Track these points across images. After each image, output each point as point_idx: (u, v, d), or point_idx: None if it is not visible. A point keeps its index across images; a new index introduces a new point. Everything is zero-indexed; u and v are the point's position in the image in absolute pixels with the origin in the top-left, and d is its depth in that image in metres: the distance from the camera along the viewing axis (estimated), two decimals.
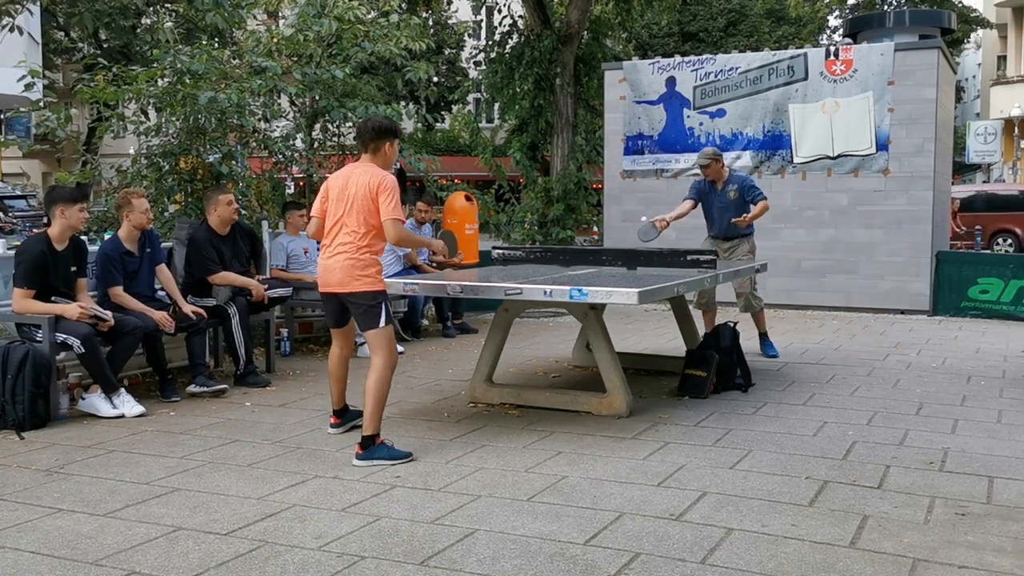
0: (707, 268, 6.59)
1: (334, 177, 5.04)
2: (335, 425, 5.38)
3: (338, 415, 5.38)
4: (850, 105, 10.90)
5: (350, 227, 4.84)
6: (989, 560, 3.40)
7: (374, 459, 4.68)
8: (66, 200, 5.78)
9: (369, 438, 4.75)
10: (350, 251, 4.84)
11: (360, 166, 4.96)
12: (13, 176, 31.19)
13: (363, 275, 4.85)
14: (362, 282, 4.84)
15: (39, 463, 4.77)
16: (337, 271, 4.87)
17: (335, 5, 9.83)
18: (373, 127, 4.97)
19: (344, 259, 4.85)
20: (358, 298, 4.86)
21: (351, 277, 4.84)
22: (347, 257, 4.84)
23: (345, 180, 4.91)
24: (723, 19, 30.77)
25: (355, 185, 4.85)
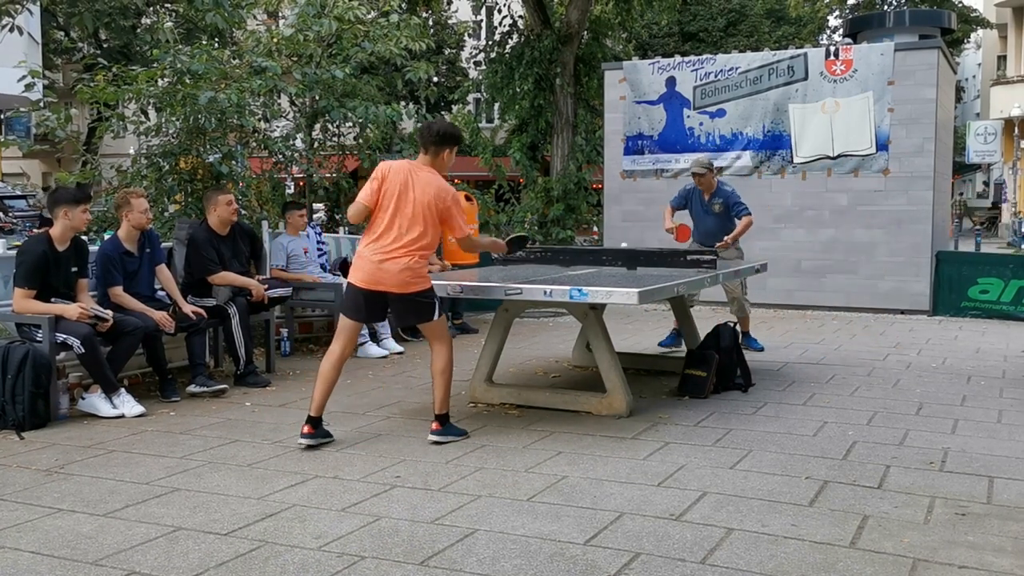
0: (707, 268, 6.59)
1: (392, 170, 4.99)
2: (308, 435, 4.98)
3: (314, 424, 5.01)
4: (850, 105, 10.90)
5: (412, 233, 4.91)
6: (989, 560, 3.40)
7: (449, 436, 5.07)
8: (69, 201, 5.78)
9: (444, 416, 5.10)
10: (411, 256, 4.92)
11: (422, 169, 5.00)
12: (13, 176, 31.19)
13: (421, 277, 4.99)
14: (420, 283, 4.99)
15: (39, 463, 4.77)
16: (395, 274, 4.91)
17: (335, 5, 9.83)
18: (439, 131, 5.04)
19: (404, 263, 4.91)
20: (419, 297, 5.00)
21: (412, 281, 4.94)
22: (408, 261, 4.92)
23: (406, 179, 4.93)
24: (723, 19, 30.77)
25: (420, 192, 4.91)
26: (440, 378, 5.10)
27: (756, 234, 10.14)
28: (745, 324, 8.31)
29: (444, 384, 5.10)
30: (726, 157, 11.54)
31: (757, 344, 8.30)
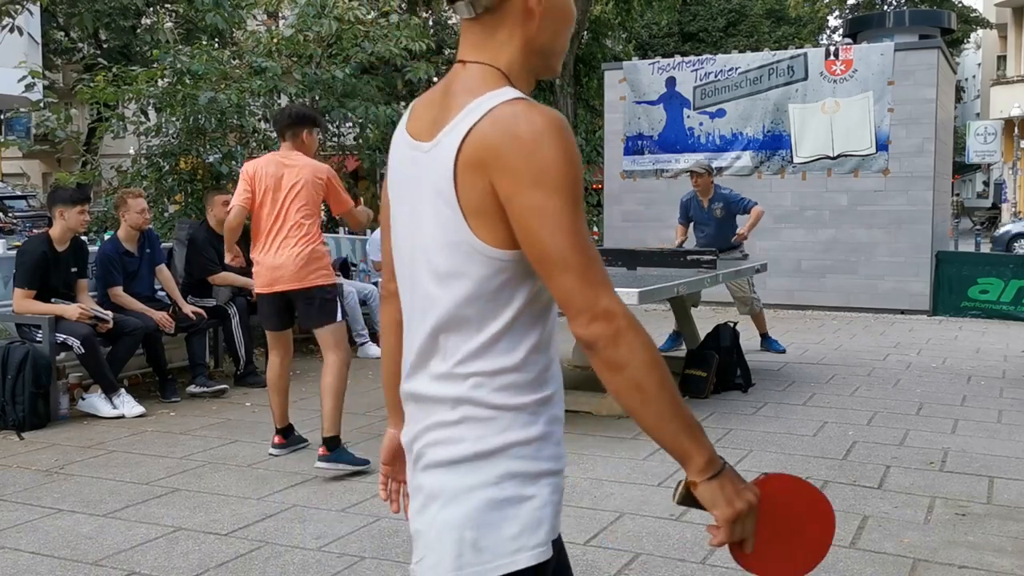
0: (707, 268, 6.59)
1: (259, 166, 4.68)
2: (279, 446, 4.90)
3: (284, 434, 4.93)
4: (850, 105, 10.90)
5: (296, 219, 4.56)
6: (989, 560, 3.40)
7: (340, 463, 4.46)
8: (66, 202, 5.78)
9: (333, 439, 4.48)
10: (302, 244, 4.56)
11: (289, 155, 4.67)
12: (13, 176, 31.20)
13: (319, 268, 4.60)
14: (319, 275, 4.60)
15: (39, 463, 4.77)
16: (289, 267, 4.55)
17: (335, 5, 9.83)
18: (291, 114, 4.76)
19: (297, 253, 4.55)
20: (316, 292, 4.58)
21: (307, 271, 4.56)
22: (302, 248, 4.55)
23: (277, 169, 4.62)
24: (723, 19, 30.77)
25: (296, 175, 4.59)
26: (329, 396, 4.51)
27: (756, 234, 10.12)
28: (762, 325, 8.20)
29: (334, 402, 4.50)
30: (726, 157, 11.54)
31: (778, 346, 8.17)
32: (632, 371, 1.34)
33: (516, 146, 1.29)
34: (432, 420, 1.41)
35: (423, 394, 1.43)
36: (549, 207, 1.29)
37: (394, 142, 1.52)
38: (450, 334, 1.39)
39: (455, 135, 1.34)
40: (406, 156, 1.46)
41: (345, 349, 4.64)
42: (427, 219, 1.39)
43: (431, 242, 1.39)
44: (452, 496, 1.37)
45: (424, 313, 1.42)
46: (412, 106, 1.51)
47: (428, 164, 1.38)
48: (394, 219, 1.51)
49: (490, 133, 1.31)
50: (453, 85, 1.42)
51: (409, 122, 1.48)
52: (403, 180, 1.47)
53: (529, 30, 1.44)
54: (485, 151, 1.31)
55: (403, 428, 1.52)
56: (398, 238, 1.49)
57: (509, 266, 1.37)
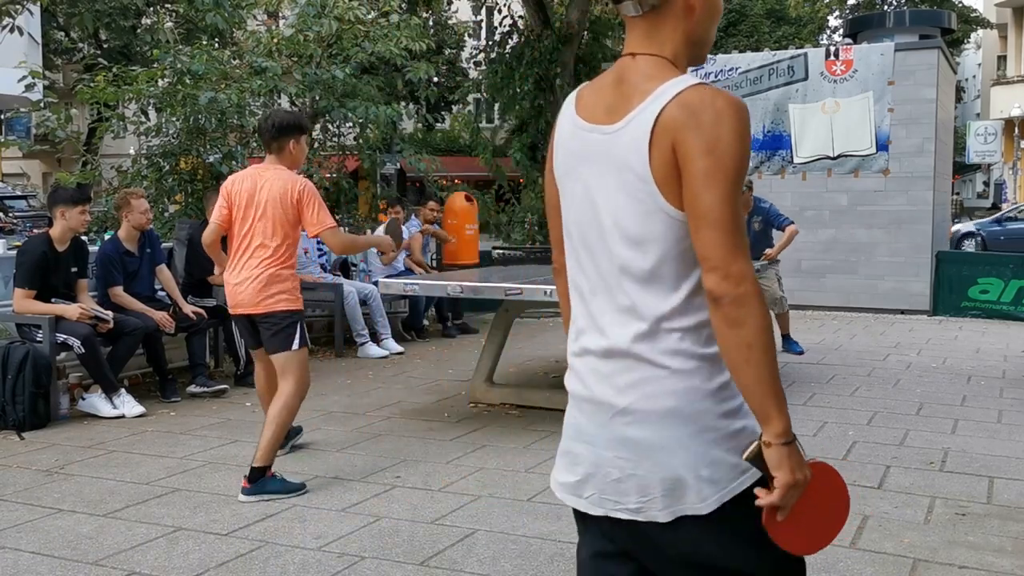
0: None
1: (235, 181, 4.45)
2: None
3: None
4: (850, 105, 10.90)
5: (261, 240, 4.30)
6: (989, 560, 3.40)
7: (264, 493, 4.15)
8: (67, 202, 5.78)
9: (259, 470, 4.18)
10: (264, 267, 4.30)
11: (268, 169, 4.41)
12: (13, 176, 31.20)
13: (279, 293, 4.31)
14: (276, 300, 4.30)
15: (39, 463, 4.77)
16: (249, 290, 4.31)
17: (335, 5, 9.83)
18: (275, 123, 4.39)
19: (256, 276, 4.30)
20: (271, 319, 4.32)
21: (265, 295, 4.29)
22: (260, 273, 4.30)
23: (253, 185, 4.36)
24: (723, 19, 30.76)
25: (267, 192, 4.30)
26: (269, 424, 4.24)
27: None
28: (785, 326, 8.19)
29: (272, 430, 4.22)
30: None
31: (797, 347, 8.16)
32: (747, 331, 1.48)
33: (699, 121, 1.49)
34: (638, 375, 1.57)
35: (625, 351, 1.58)
36: (714, 172, 1.48)
37: (561, 128, 1.70)
38: (649, 295, 1.56)
39: (646, 116, 1.53)
40: (580, 138, 1.63)
41: (299, 380, 4.31)
42: (615, 191, 1.57)
43: (622, 212, 1.56)
44: (677, 443, 1.54)
45: (619, 277, 1.59)
46: (578, 94, 1.70)
47: (616, 143, 1.57)
48: (565, 196, 1.69)
49: (679, 113, 1.51)
50: (627, 74, 1.61)
51: (578, 108, 1.67)
52: (576, 160, 1.64)
53: (689, 24, 1.63)
54: (674, 128, 1.50)
55: (577, 383, 1.69)
56: (572, 213, 1.67)
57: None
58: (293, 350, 4.31)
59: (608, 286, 1.61)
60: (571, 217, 1.68)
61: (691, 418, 1.55)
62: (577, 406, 1.70)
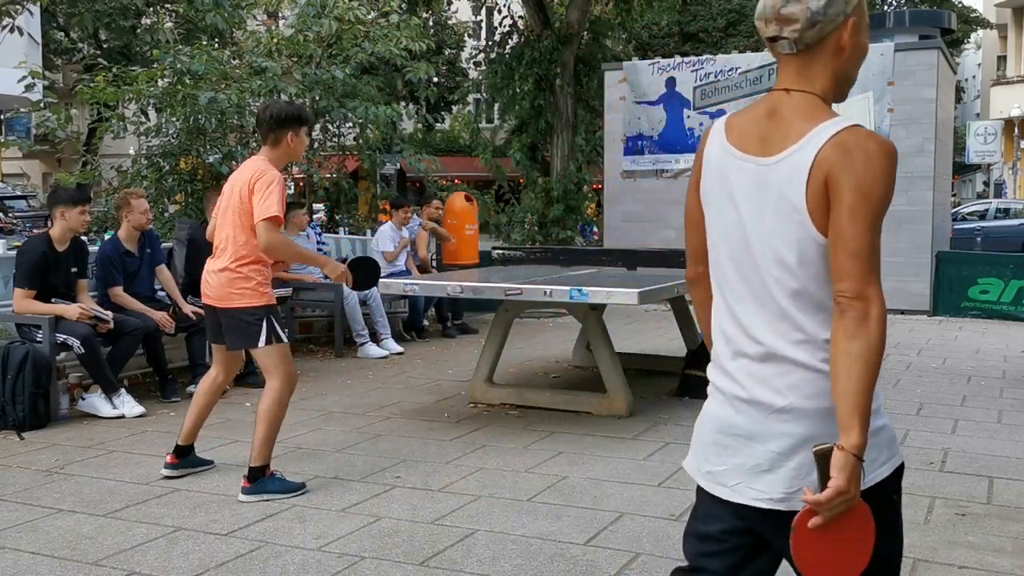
0: None
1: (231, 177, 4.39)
2: (171, 465, 4.48)
3: (179, 453, 4.51)
4: (850, 105, 10.88)
5: (227, 232, 4.19)
6: (989, 560, 3.40)
7: (264, 494, 4.11)
8: (66, 202, 5.78)
9: (258, 469, 4.15)
10: (226, 261, 4.18)
11: (249, 160, 4.30)
12: (13, 176, 31.21)
13: (243, 288, 4.16)
14: (242, 296, 4.16)
15: (39, 463, 4.77)
16: (213, 283, 4.22)
17: (335, 5, 9.84)
18: (272, 114, 4.22)
19: (221, 270, 4.19)
20: (234, 314, 4.19)
21: (228, 290, 4.17)
22: (223, 268, 4.18)
23: (234, 177, 4.29)
24: (723, 19, 30.76)
25: (233, 183, 4.22)
26: (261, 421, 4.15)
27: None
28: None
29: (264, 428, 4.14)
30: None
31: None
32: (859, 345, 1.64)
33: (852, 162, 1.67)
34: (796, 378, 1.75)
35: (783, 356, 1.76)
36: (861, 207, 1.66)
37: (709, 152, 1.87)
38: (801, 309, 1.75)
39: (805, 154, 1.71)
40: (732, 164, 1.81)
41: (283, 375, 4.19)
42: (769, 218, 1.75)
43: (776, 236, 1.75)
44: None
45: (771, 291, 1.77)
46: (727, 122, 1.87)
47: (772, 174, 1.75)
48: (712, 216, 1.87)
49: (834, 152, 1.68)
50: (781, 109, 1.78)
51: (728, 136, 1.84)
52: (726, 184, 1.82)
53: (839, 63, 1.79)
54: (828, 165, 1.68)
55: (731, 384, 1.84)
56: (721, 231, 1.85)
57: None
58: (260, 347, 4.17)
59: (759, 298, 1.79)
60: (720, 235, 1.86)
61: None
62: (731, 404, 1.84)
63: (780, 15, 1.78)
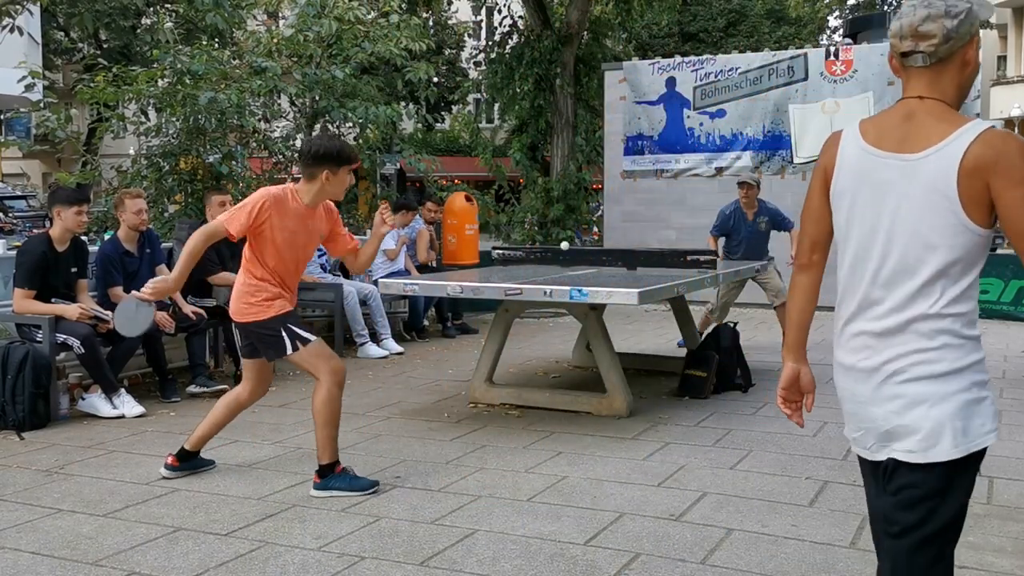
0: (707, 268, 6.59)
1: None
2: (171, 467, 4.50)
3: (182, 457, 4.52)
4: (850, 105, 10.90)
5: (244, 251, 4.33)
6: (989, 560, 3.39)
7: (331, 490, 4.17)
8: (63, 202, 5.78)
9: (327, 466, 4.21)
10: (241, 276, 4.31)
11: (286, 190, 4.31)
12: (13, 176, 31.20)
13: (254, 303, 4.25)
14: (253, 311, 4.25)
15: (39, 463, 4.77)
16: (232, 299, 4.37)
17: (335, 5, 9.84)
18: (310, 149, 4.24)
19: (238, 287, 4.32)
20: (253, 327, 4.30)
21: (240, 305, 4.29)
22: (239, 284, 4.31)
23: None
24: (723, 19, 30.76)
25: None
26: (317, 418, 4.22)
27: None
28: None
29: (323, 426, 4.20)
30: (726, 157, 11.55)
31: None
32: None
33: (1007, 159, 1.92)
34: (913, 347, 2.00)
35: (906, 329, 2.01)
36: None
37: (844, 152, 2.14)
38: (942, 286, 1.98)
39: (953, 150, 1.95)
40: (872, 162, 2.07)
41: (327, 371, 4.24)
42: (917, 206, 1.99)
43: (923, 223, 1.99)
44: (939, 399, 1.98)
45: (913, 270, 2.00)
46: (861, 127, 2.15)
47: (920, 168, 1.99)
48: (846, 206, 2.11)
49: (986, 150, 1.93)
50: (918, 114, 2.04)
51: (865, 138, 2.12)
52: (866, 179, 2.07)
53: (963, 75, 2.06)
54: (983, 161, 1.92)
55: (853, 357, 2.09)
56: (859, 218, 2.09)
57: (983, 240, 1.98)
58: (290, 354, 4.25)
59: (898, 276, 2.03)
60: (858, 222, 2.10)
61: (954, 382, 1.98)
62: (852, 375, 2.11)
63: (918, 32, 2.03)
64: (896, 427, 2.03)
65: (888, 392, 2.03)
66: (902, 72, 2.11)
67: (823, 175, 2.18)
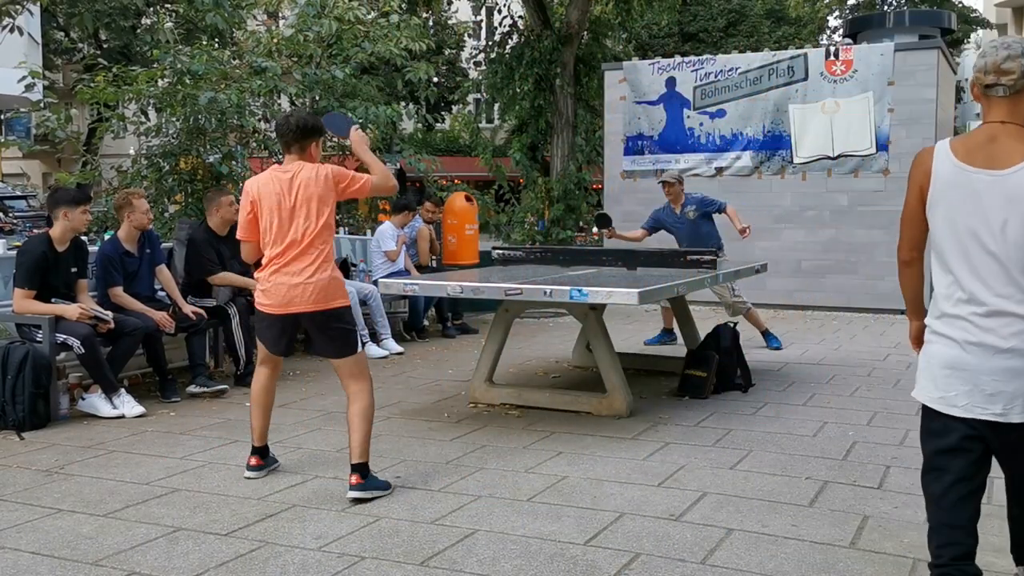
0: (707, 268, 6.59)
1: (258, 186, 4.37)
2: (256, 467, 4.51)
3: (261, 455, 4.55)
4: (850, 105, 10.90)
5: (313, 236, 4.21)
6: (989, 560, 3.39)
7: (373, 490, 4.17)
8: (69, 202, 5.79)
9: (366, 466, 4.22)
10: (325, 265, 4.22)
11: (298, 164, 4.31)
12: (13, 176, 31.19)
13: (337, 290, 4.24)
14: (341, 296, 4.25)
15: (39, 463, 4.77)
16: (312, 288, 4.18)
17: (335, 5, 9.83)
18: (298, 125, 4.27)
19: (321, 275, 4.20)
20: (339, 315, 4.25)
21: (333, 292, 4.23)
22: (324, 272, 4.21)
23: (281, 187, 4.26)
24: (723, 19, 30.76)
25: (303, 187, 4.22)
26: (360, 422, 4.20)
27: (756, 234, 10.10)
28: (758, 323, 8.43)
29: (364, 427, 4.21)
30: (726, 157, 11.54)
31: (776, 342, 8.38)
32: None
33: None
34: (1018, 328, 2.48)
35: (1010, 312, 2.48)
36: None
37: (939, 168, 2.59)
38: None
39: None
40: (966, 177, 2.54)
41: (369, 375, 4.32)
42: (1006, 212, 2.47)
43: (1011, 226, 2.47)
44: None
45: (1003, 266, 2.49)
46: (951, 146, 2.60)
47: (1009, 182, 2.47)
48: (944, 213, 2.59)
49: None
50: (1000, 136, 2.53)
51: (956, 156, 2.58)
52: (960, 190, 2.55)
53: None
54: None
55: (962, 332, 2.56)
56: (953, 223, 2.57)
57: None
58: (358, 352, 4.29)
59: (991, 270, 2.50)
60: (952, 225, 2.57)
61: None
62: (961, 347, 2.56)
63: (1000, 69, 2.52)
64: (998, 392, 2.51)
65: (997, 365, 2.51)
66: (983, 100, 2.59)
67: (919, 186, 2.67)
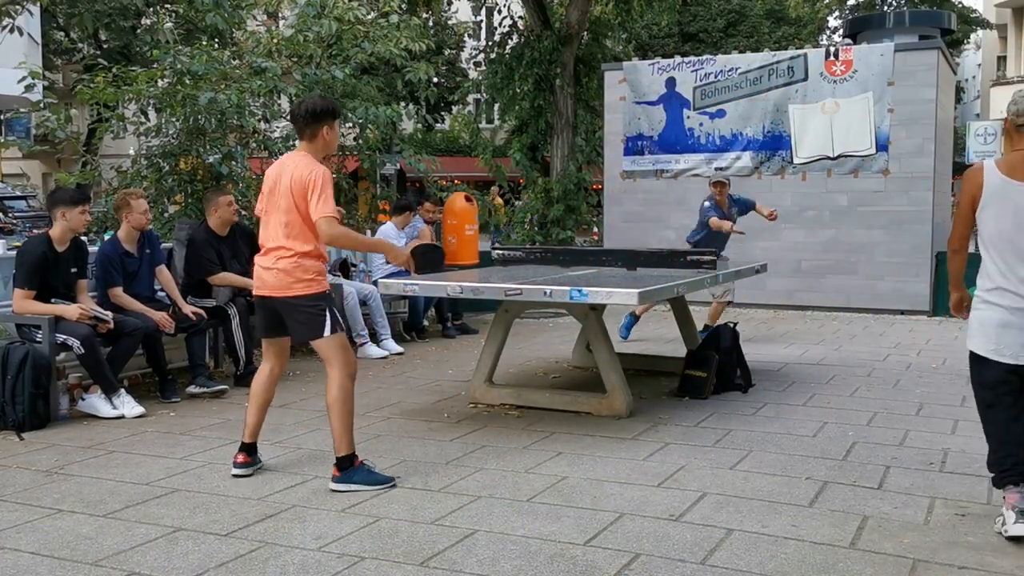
0: (707, 268, 6.59)
1: (270, 169, 4.47)
2: (243, 464, 4.52)
3: (249, 452, 4.57)
4: (850, 106, 10.90)
5: (284, 227, 4.28)
6: (989, 560, 3.40)
7: (352, 483, 4.21)
8: (67, 202, 5.79)
9: (346, 459, 4.25)
10: (288, 252, 4.27)
11: (294, 156, 4.37)
12: (13, 177, 31.19)
13: (304, 278, 4.28)
14: (303, 284, 4.28)
15: (39, 464, 4.77)
16: (271, 275, 4.30)
17: (335, 6, 9.82)
18: (307, 110, 4.30)
19: (283, 262, 4.28)
20: (297, 303, 4.29)
21: (290, 279, 4.28)
22: (284, 261, 4.28)
23: (278, 173, 4.35)
24: (723, 20, 30.76)
25: (287, 179, 4.27)
26: (332, 412, 4.25)
27: (756, 234, 10.13)
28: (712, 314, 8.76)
29: (337, 418, 4.24)
30: (726, 158, 11.54)
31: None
32: None
33: None
34: None
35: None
36: None
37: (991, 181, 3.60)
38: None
39: None
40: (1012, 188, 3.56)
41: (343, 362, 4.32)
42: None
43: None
44: None
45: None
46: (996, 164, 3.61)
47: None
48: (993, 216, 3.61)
49: None
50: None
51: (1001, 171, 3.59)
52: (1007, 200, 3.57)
53: None
54: None
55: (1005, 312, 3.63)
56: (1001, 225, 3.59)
57: None
58: (326, 336, 4.28)
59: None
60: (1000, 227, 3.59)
61: None
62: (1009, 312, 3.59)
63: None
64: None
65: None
66: (1015, 132, 3.59)
67: (971, 196, 3.62)
